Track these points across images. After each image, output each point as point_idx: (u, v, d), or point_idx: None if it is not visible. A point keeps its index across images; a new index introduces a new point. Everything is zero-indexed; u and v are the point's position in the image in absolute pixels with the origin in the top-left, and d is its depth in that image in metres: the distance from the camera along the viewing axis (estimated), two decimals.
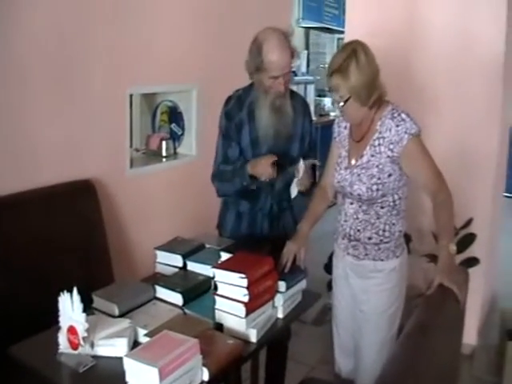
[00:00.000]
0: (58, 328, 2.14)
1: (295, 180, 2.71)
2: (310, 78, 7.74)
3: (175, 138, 4.10)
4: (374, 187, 2.42)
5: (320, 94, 7.81)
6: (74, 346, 2.09)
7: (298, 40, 3.22)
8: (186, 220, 3.88)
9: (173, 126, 4.12)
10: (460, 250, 3.09)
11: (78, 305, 2.08)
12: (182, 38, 3.84)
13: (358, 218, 2.52)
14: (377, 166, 2.40)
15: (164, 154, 3.99)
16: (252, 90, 2.82)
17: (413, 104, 3.10)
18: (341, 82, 2.30)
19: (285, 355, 3.21)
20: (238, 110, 2.85)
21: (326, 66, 2.51)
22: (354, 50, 2.31)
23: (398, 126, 2.35)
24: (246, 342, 2.19)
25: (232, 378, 2.57)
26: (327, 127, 2.81)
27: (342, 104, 2.34)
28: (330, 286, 3.39)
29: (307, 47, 8.40)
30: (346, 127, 2.60)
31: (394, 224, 2.52)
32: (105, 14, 3.27)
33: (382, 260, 2.55)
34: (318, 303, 2.74)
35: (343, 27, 4.46)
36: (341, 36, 7.86)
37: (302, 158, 2.74)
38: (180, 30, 3.83)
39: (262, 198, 2.88)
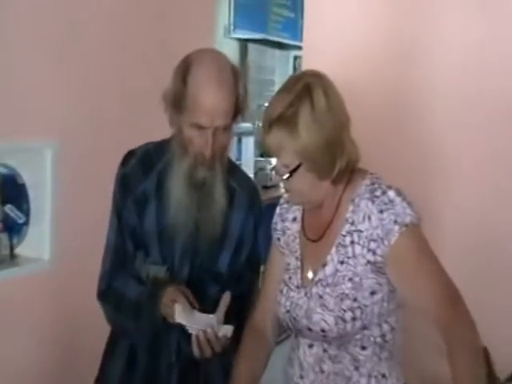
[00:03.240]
0: None
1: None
2: (247, 125, 5.23)
3: (13, 229, 3.06)
4: (348, 315, 1.88)
5: (263, 152, 5.41)
6: None
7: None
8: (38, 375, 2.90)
9: (7, 208, 3.07)
10: None
11: None
12: (33, 75, 2.91)
13: (322, 372, 1.97)
14: (350, 280, 1.90)
15: None
16: (169, 146, 2.20)
17: (408, 166, 2.63)
18: (285, 140, 1.86)
19: None
20: (141, 176, 2.22)
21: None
22: (306, 87, 1.85)
23: (381, 211, 1.88)
24: None
25: None
26: (274, 207, 2.20)
27: (286, 176, 1.88)
28: None
29: (242, 71, 7.03)
30: (295, 219, 2.10)
31: (384, 376, 1.95)
32: None
33: None
34: None
35: (301, 41, 3.54)
36: (299, 53, 5.80)
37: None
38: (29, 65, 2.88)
39: (167, 336, 2.21)
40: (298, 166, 1.84)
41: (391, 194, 1.87)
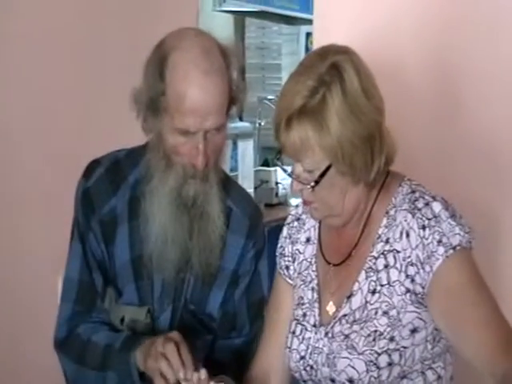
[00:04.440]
0: None
1: None
2: (245, 125, 4.64)
3: None
4: (383, 359, 1.62)
5: (266, 159, 4.79)
6: None
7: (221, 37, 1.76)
8: None
9: None
10: None
11: None
12: None
13: None
14: (385, 314, 1.65)
15: None
16: (144, 155, 1.90)
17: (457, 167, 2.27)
18: (310, 137, 1.61)
19: None
20: (109, 190, 1.92)
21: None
22: (334, 67, 1.61)
23: (423, 227, 1.65)
24: None
25: None
26: (280, 231, 1.93)
27: (312, 184, 1.63)
28: None
29: (238, 54, 6.21)
30: (309, 240, 1.86)
31: None
32: None
33: None
34: None
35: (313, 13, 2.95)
36: (311, 30, 5.33)
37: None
38: None
39: None
40: (328, 169, 1.60)
41: (436, 206, 1.60)
